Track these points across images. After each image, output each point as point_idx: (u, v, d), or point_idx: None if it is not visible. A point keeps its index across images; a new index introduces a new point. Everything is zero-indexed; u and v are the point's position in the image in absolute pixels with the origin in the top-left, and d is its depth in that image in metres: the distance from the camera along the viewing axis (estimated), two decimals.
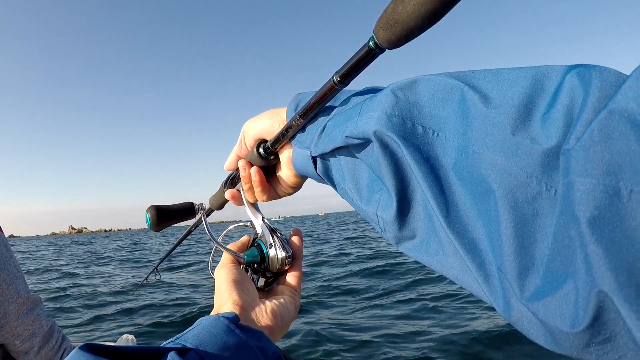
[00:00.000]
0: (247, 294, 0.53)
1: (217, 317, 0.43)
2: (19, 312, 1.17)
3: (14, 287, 1.17)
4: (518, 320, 0.30)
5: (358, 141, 0.41)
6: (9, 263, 1.18)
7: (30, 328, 1.19)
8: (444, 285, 5.58)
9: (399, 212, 0.40)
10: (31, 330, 1.19)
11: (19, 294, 1.18)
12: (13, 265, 1.19)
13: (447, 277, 0.38)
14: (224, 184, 0.68)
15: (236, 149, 0.62)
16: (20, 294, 1.18)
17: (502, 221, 0.30)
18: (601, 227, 0.22)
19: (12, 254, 1.21)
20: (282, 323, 0.52)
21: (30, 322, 1.19)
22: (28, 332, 1.19)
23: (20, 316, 1.17)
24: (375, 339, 3.83)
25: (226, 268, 0.56)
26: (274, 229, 0.62)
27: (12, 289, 1.16)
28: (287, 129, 0.51)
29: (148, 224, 0.64)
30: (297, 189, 0.62)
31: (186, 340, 0.39)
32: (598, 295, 0.23)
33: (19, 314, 1.17)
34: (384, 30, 0.34)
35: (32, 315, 1.20)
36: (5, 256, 1.18)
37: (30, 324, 1.19)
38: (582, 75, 0.29)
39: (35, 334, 1.20)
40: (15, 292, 1.17)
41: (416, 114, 0.37)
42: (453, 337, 3.67)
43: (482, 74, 0.35)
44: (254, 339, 0.42)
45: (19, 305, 1.17)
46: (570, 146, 0.25)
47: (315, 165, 0.51)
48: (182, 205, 0.69)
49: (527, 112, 0.31)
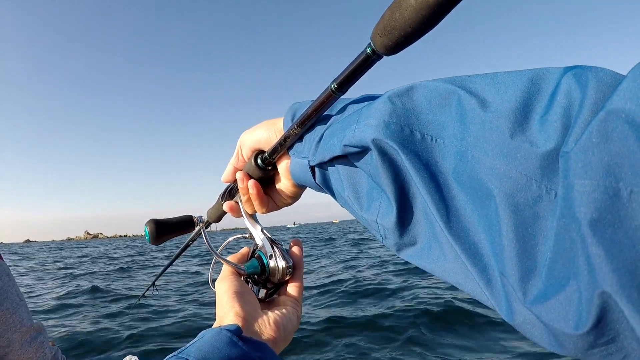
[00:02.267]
0: (249, 305, 0.52)
1: (220, 330, 0.42)
2: (23, 340, 1.17)
3: (17, 316, 1.17)
4: (522, 324, 0.30)
5: (356, 149, 0.41)
6: (11, 292, 1.18)
7: (34, 356, 1.19)
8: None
9: (399, 219, 0.40)
10: (34, 358, 1.19)
11: (22, 322, 1.18)
12: (15, 294, 1.20)
13: (449, 283, 0.38)
14: (222, 196, 0.67)
15: (233, 160, 0.62)
16: (23, 322, 1.18)
17: (503, 225, 0.30)
18: (602, 228, 0.22)
19: (14, 282, 1.21)
20: (284, 334, 0.52)
21: (33, 350, 1.19)
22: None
23: (23, 344, 1.17)
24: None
25: (227, 280, 0.56)
26: (273, 239, 0.62)
27: (16, 318, 1.16)
28: (285, 139, 0.52)
29: (147, 238, 0.64)
30: (296, 199, 0.62)
31: (189, 354, 0.39)
32: (601, 297, 0.23)
33: (23, 342, 1.17)
34: (381, 36, 0.35)
35: (35, 343, 1.20)
36: (8, 285, 1.18)
37: (34, 352, 1.19)
38: (579, 76, 0.29)
39: None
40: (18, 321, 1.17)
41: (414, 121, 0.37)
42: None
43: (479, 78, 0.35)
44: (257, 351, 0.42)
45: (23, 333, 1.17)
46: (569, 148, 0.25)
47: (313, 174, 0.51)
48: (180, 218, 0.68)
49: (524, 115, 0.31)
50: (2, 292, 1.15)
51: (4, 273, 1.18)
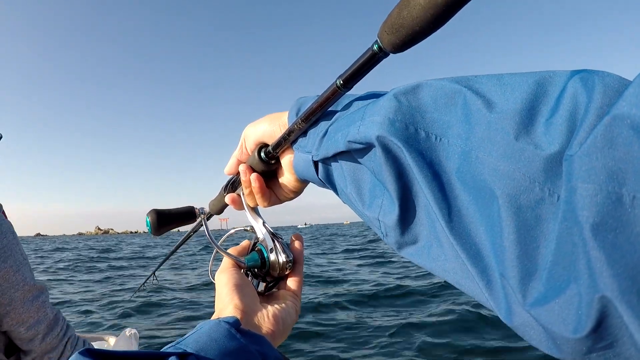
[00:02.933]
0: (248, 298, 0.53)
1: (218, 322, 0.42)
2: (25, 299, 1.17)
3: (20, 274, 1.17)
4: (520, 326, 0.30)
5: (360, 146, 0.41)
6: (15, 250, 1.18)
7: (35, 315, 1.19)
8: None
9: (401, 217, 0.40)
10: (36, 317, 1.19)
11: (25, 281, 1.18)
12: (19, 253, 1.20)
13: (449, 282, 0.38)
14: (224, 188, 0.68)
15: (237, 153, 0.62)
16: (26, 281, 1.18)
17: (505, 227, 0.30)
18: (604, 233, 0.22)
19: (18, 241, 1.21)
20: (283, 328, 0.52)
21: (35, 309, 1.19)
22: (33, 319, 1.19)
23: (25, 303, 1.17)
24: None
25: (227, 272, 0.56)
26: (274, 233, 0.62)
27: (19, 276, 1.16)
28: (289, 133, 0.51)
29: (148, 228, 0.64)
30: (299, 194, 0.62)
31: (187, 345, 0.39)
32: (601, 301, 0.23)
33: (25, 301, 1.17)
34: (388, 34, 0.34)
35: (37, 302, 1.20)
36: (12, 243, 1.18)
37: (36, 311, 1.19)
38: (585, 80, 0.29)
39: (40, 321, 1.20)
40: (21, 279, 1.17)
41: (419, 119, 0.37)
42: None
43: (485, 79, 0.35)
44: (255, 344, 0.42)
45: (25, 292, 1.17)
46: (573, 152, 0.25)
47: (316, 169, 0.51)
48: (182, 209, 0.69)
49: (530, 118, 0.31)
50: (6, 250, 1.15)
51: (8, 231, 1.18)
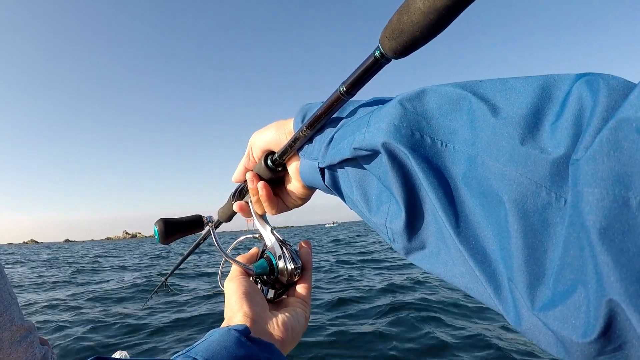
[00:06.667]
0: (258, 305, 0.53)
1: (228, 330, 0.43)
2: (13, 339, 1.16)
3: (8, 315, 1.15)
4: (529, 330, 0.30)
5: (366, 152, 0.42)
6: (3, 290, 1.17)
7: (23, 355, 1.17)
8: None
9: (408, 223, 0.40)
10: (24, 357, 1.18)
11: (13, 321, 1.16)
12: (7, 292, 1.18)
13: (457, 287, 0.38)
14: (232, 196, 0.68)
15: (244, 160, 0.63)
16: (14, 321, 1.17)
17: (512, 232, 0.30)
18: (611, 237, 0.22)
19: (7, 280, 1.20)
20: (292, 335, 0.52)
21: (23, 349, 1.18)
22: (21, 359, 1.17)
23: (13, 344, 1.16)
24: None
25: (236, 280, 0.56)
26: (283, 240, 0.62)
27: (7, 317, 1.15)
28: (295, 141, 0.52)
29: (157, 237, 0.64)
30: (306, 200, 0.62)
31: (197, 353, 0.39)
32: (609, 305, 0.23)
33: (13, 341, 1.16)
34: (389, 40, 0.35)
35: (25, 342, 1.19)
36: (0, 283, 1.17)
37: (24, 351, 1.18)
38: (591, 83, 0.29)
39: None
40: (9, 320, 1.15)
41: (424, 125, 0.37)
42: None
43: (490, 83, 0.35)
44: (265, 352, 0.42)
45: (13, 332, 1.16)
46: (579, 156, 0.25)
47: (323, 176, 0.51)
48: (190, 217, 0.69)
49: (535, 122, 0.31)
50: None
51: None
